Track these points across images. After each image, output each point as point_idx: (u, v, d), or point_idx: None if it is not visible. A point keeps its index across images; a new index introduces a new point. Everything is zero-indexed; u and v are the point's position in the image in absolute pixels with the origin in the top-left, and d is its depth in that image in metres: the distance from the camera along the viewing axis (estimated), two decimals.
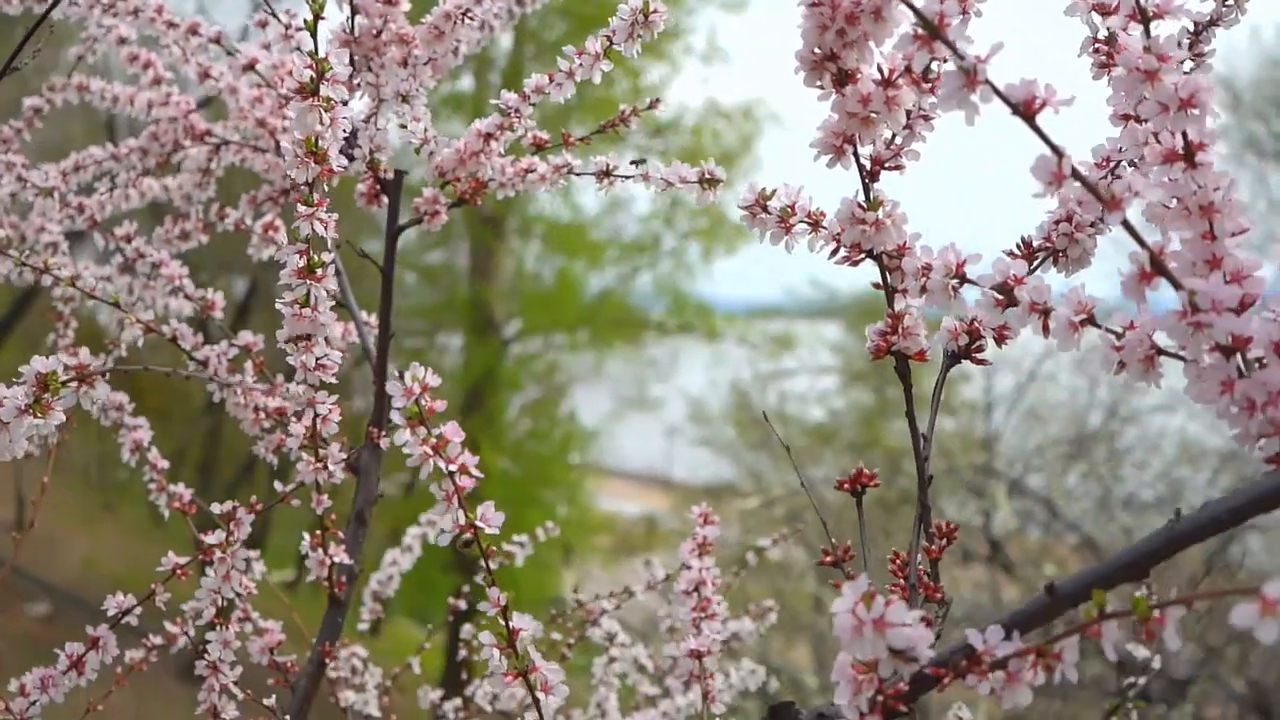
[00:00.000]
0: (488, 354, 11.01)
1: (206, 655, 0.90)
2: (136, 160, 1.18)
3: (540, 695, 0.64)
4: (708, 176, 0.82)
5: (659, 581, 1.37)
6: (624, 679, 1.34)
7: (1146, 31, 0.53)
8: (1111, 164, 0.68)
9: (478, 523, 0.62)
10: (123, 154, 1.18)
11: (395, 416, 0.60)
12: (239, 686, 0.92)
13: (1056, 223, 0.67)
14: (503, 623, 0.64)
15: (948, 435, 8.36)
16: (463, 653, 1.34)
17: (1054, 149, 0.50)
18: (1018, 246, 0.68)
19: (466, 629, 1.37)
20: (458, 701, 1.33)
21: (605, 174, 0.94)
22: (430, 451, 0.61)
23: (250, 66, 1.02)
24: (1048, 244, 0.67)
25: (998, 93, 0.49)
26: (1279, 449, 0.50)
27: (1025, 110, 0.50)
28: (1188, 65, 0.72)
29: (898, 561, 0.64)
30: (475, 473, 0.62)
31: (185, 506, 1.05)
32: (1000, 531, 6.50)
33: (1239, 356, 0.51)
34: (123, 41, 1.18)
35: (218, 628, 0.92)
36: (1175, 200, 0.54)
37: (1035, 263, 0.67)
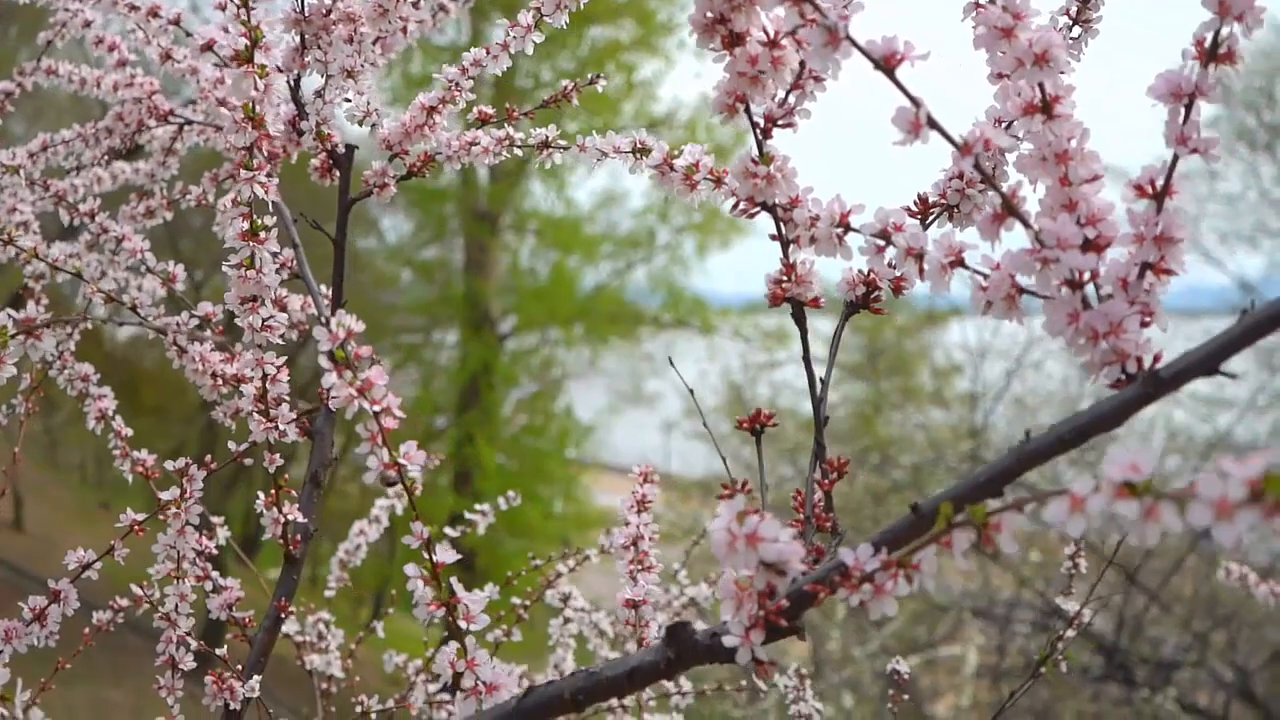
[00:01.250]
0: (484, 349, 11.06)
1: (162, 608, 0.94)
2: (102, 139, 1.21)
3: (463, 624, 0.68)
4: (639, 146, 0.86)
5: (613, 547, 1.42)
6: (584, 641, 1.39)
7: None
8: (1004, 124, 0.72)
9: (401, 460, 0.66)
10: (89, 134, 1.22)
11: (322, 359, 0.64)
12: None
13: (950, 179, 0.71)
14: (427, 556, 0.68)
15: (938, 427, 8.42)
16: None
17: (912, 100, 0.54)
18: (914, 202, 0.72)
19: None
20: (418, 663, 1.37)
21: (545, 145, 0.98)
22: (355, 393, 0.65)
23: (208, 47, 1.06)
24: (942, 199, 0.72)
25: (859, 48, 0.53)
26: (1120, 376, 0.54)
27: (886, 64, 0.54)
28: (1076, 31, 0.76)
29: (799, 499, 0.68)
30: (398, 413, 0.66)
31: (149, 471, 1.09)
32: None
33: (1088, 290, 0.55)
34: (88, 25, 1.22)
35: (175, 582, 0.96)
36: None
37: (930, 217, 0.72)
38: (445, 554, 0.68)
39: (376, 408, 0.65)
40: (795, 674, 1.16)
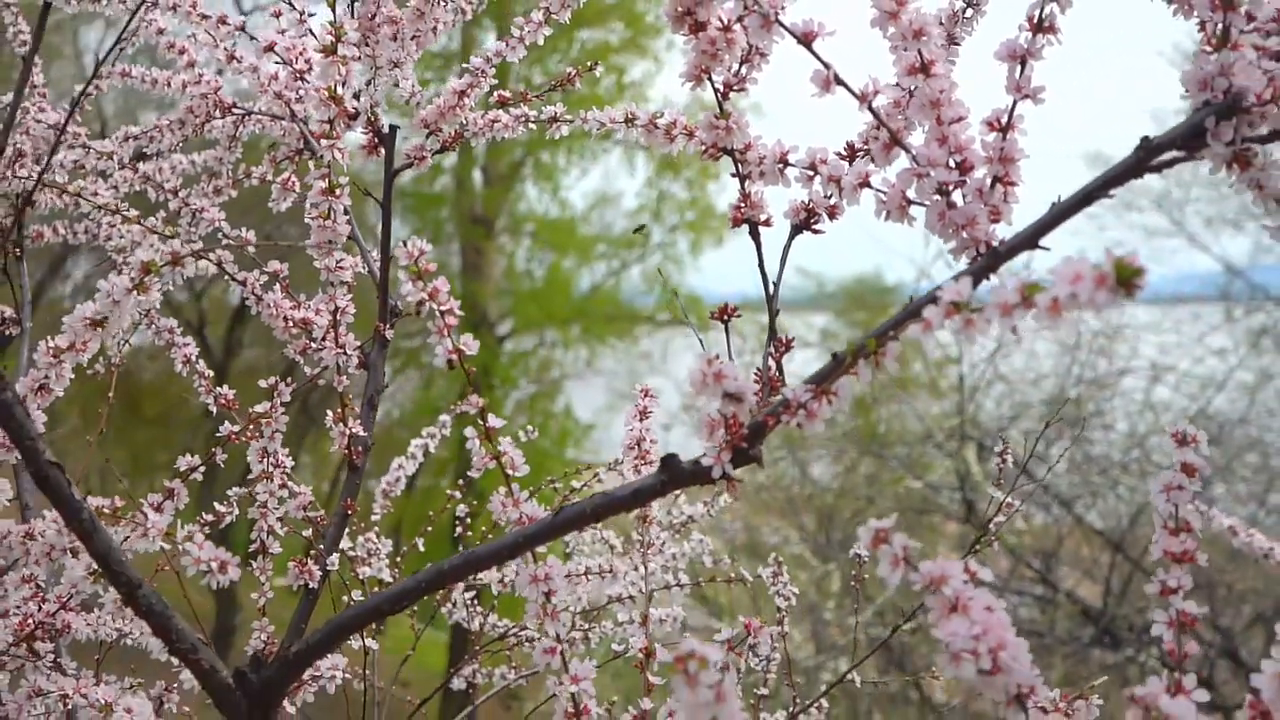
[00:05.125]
0: (482, 352, 11.22)
1: (257, 498, 1.16)
2: (175, 130, 1.43)
3: (510, 472, 0.90)
4: (630, 116, 1.08)
5: (618, 463, 1.63)
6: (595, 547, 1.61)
7: None
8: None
9: (461, 346, 0.88)
10: (164, 124, 1.43)
11: (401, 273, 0.86)
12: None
13: (870, 130, 0.93)
14: (482, 424, 0.90)
15: (933, 416, 8.65)
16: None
17: (824, 65, 0.76)
18: (845, 148, 0.94)
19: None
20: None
21: (554, 119, 1.20)
22: (427, 297, 0.87)
23: (270, 48, 1.28)
24: (865, 145, 0.93)
25: (785, 28, 0.76)
26: (975, 256, 0.76)
27: (805, 39, 0.76)
28: (970, 14, 0.98)
29: (758, 373, 0.90)
30: (458, 312, 0.88)
31: (230, 403, 1.31)
32: (985, 502, 6.80)
33: (955, 196, 0.77)
34: (161, 32, 1.43)
35: (265, 480, 1.18)
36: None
37: (856, 158, 0.93)
38: (495, 420, 0.90)
39: (443, 307, 0.87)
40: (774, 561, 1.37)
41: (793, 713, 1.33)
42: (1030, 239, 0.72)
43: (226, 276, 1.24)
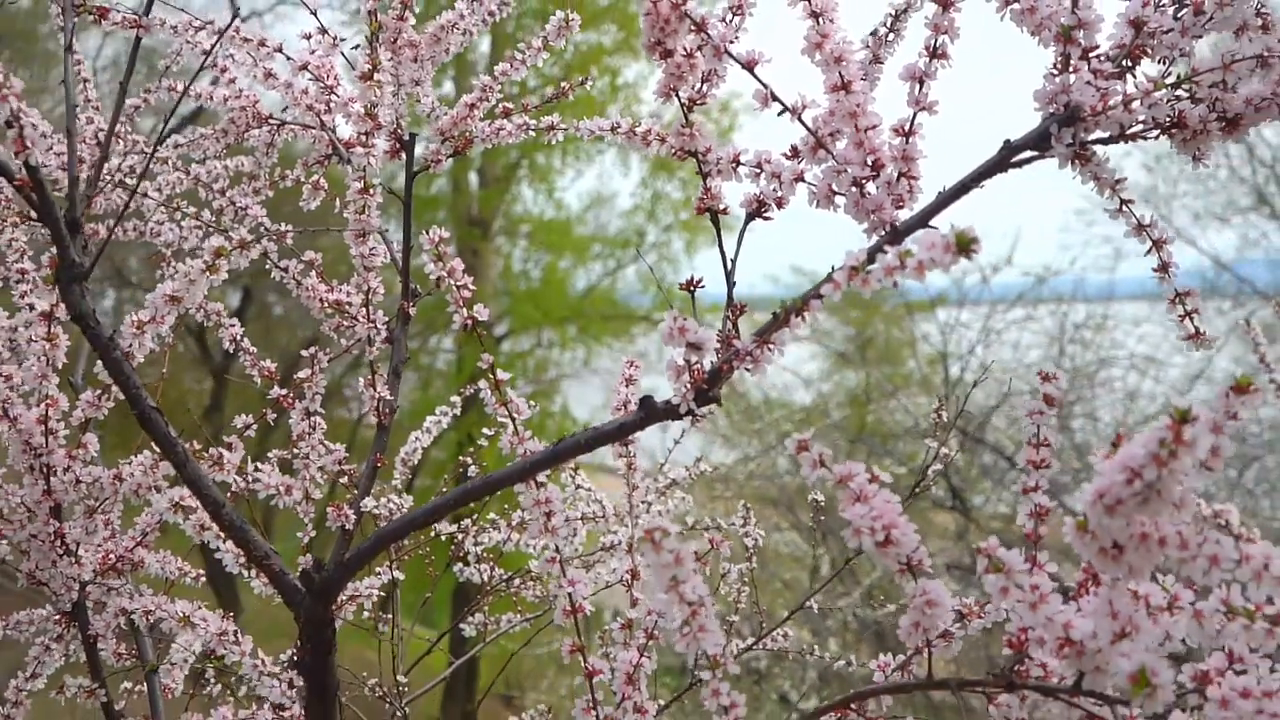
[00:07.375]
0: (479, 353, 11.46)
1: (298, 453, 1.36)
2: (219, 138, 1.63)
3: (515, 416, 1.10)
4: (614, 125, 1.28)
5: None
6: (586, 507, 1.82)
7: (814, 16, 0.99)
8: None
9: (474, 315, 1.08)
10: (209, 134, 1.64)
11: (424, 254, 1.07)
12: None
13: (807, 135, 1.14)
14: (492, 376, 1.10)
15: (921, 408, 8.86)
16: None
17: (764, 85, 0.97)
18: (790, 148, 1.14)
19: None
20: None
21: (551, 128, 1.41)
22: (446, 275, 1.07)
23: (304, 66, 1.48)
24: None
25: (732, 56, 0.96)
26: (883, 234, 0.96)
27: (748, 65, 0.96)
28: (891, 38, 1.19)
29: (719, 333, 1.11)
30: (471, 287, 1.08)
31: (271, 374, 1.51)
32: (965, 484, 7.02)
33: (868, 188, 0.98)
34: (206, 54, 1.63)
35: (306, 437, 1.38)
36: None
37: (800, 160, 1.14)
38: (503, 374, 1.10)
39: (459, 283, 1.08)
40: (744, 508, 1.57)
41: (759, 636, 1.53)
42: (920, 220, 0.93)
43: (270, 264, 1.44)
